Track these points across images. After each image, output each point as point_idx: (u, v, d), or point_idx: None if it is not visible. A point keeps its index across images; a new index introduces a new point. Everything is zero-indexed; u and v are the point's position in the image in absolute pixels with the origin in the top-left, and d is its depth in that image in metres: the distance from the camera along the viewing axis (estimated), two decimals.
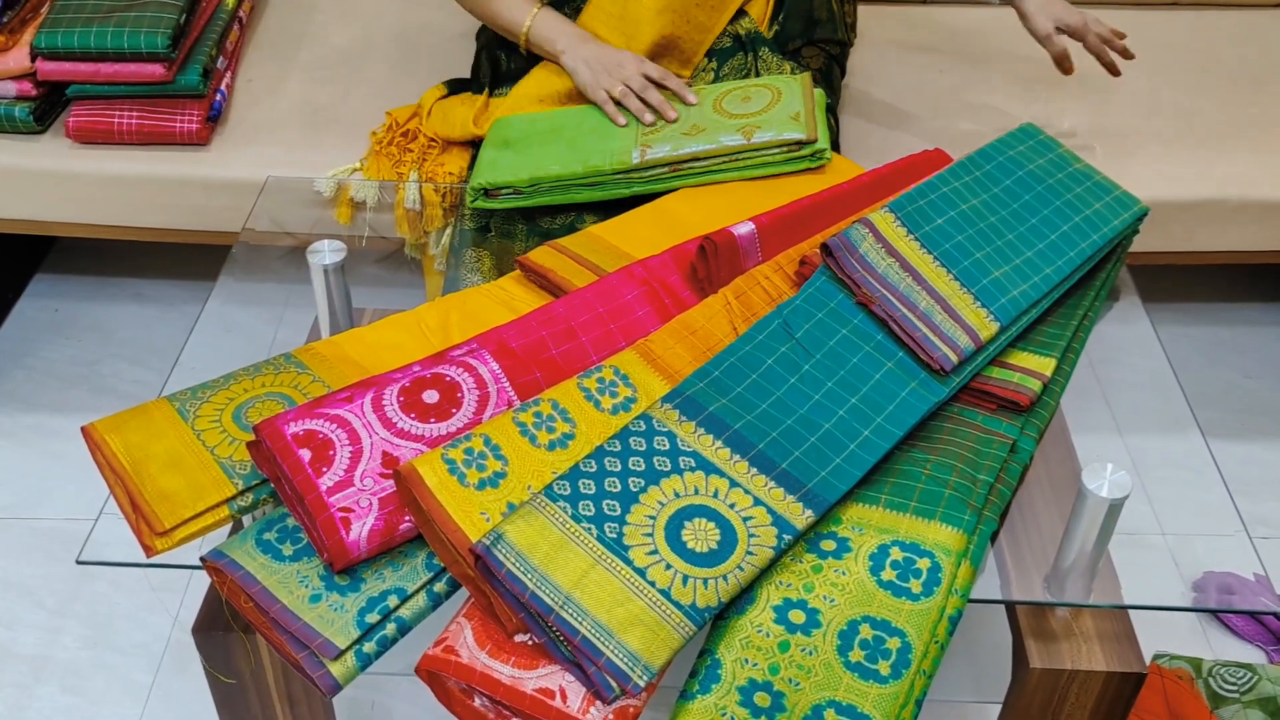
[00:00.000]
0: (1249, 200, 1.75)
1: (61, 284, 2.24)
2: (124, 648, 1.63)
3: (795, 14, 1.67)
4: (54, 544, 1.76)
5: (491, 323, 1.14)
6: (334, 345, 1.14)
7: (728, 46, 1.61)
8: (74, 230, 1.83)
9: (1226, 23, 2.10)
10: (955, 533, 0.94)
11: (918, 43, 2.04)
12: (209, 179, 1.74)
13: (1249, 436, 1.96)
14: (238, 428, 1.04)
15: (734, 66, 1.60)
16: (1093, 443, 1.19)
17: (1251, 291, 2.25)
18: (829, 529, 0.96)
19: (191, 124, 1.73)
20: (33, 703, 1.57)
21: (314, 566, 0.92)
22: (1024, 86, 1.92)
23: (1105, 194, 1.24)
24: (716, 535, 0.90)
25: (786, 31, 1.66)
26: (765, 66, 1.60)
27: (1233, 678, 1.50)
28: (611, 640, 0.82)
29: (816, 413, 1.00)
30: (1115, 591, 1.05)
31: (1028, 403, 1.06)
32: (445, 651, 0.86)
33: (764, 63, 1.60)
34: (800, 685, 0.85)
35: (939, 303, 1.08)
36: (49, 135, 1.78)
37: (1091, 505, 0.99)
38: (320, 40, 2.00)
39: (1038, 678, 1.03)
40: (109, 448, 1.01)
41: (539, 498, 0.90)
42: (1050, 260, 1.15)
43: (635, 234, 1.28)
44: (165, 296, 2.21)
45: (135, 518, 0.98)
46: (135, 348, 2.10)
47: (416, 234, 1.63)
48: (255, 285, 1.43)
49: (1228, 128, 1.85)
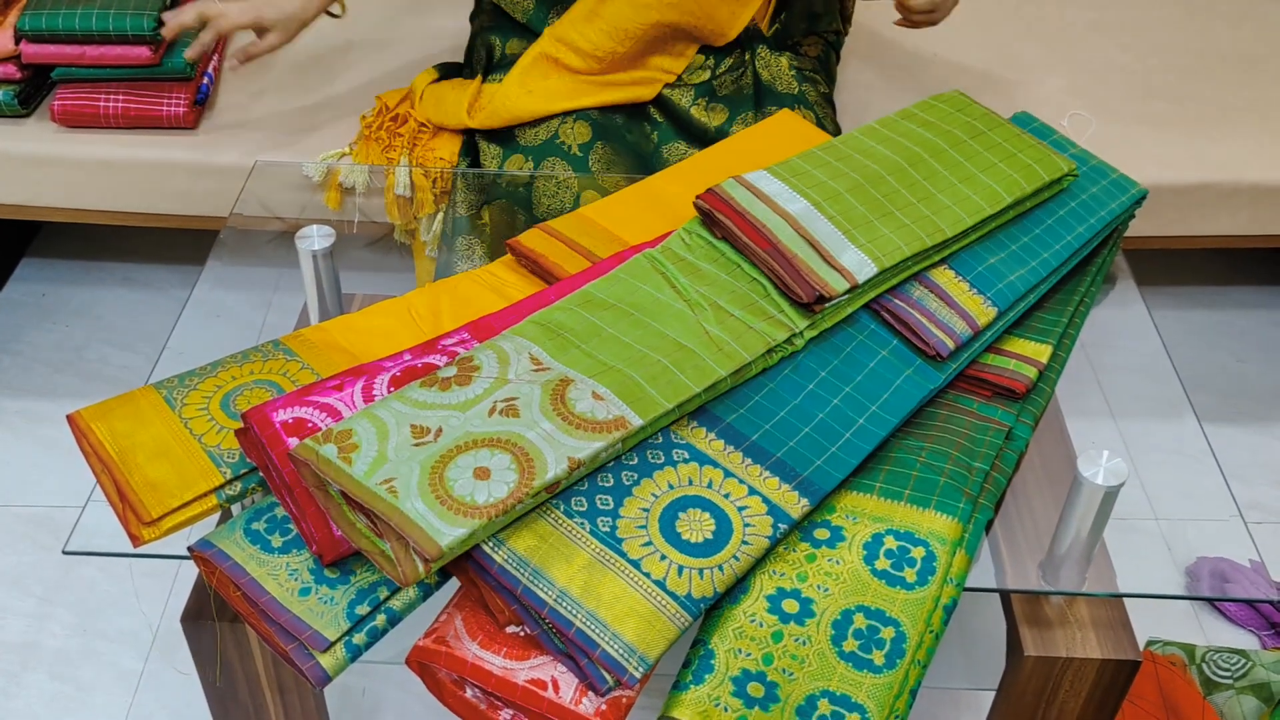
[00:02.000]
0: (1241, 184, 1.74)
1: (48, 268, 2.22)
2: (113, 635, 1.63)
3: (798, 14, 1.65)
4: (42, 531, 1.75)
5: (482, 308, 1.13)
6: (323, 331, 1.13)
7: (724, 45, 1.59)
8: (61, 215, 1.81)
9: (1221, 6, 2.10)
10: (950, 521, 0.94)
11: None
12: (196, 163, 1.72)
13: (1241, 420, 1.96)
14: (225, 416, 1.03)
15: (729, 65, 1.58)
16: (1087, 428, 1.19)
17: (1243, 275, 2.25)
18: (823, 518, 0.95)
19: (179, 108, 1.71)
20: (21, 691, 1.56)
21: (303, 560, 0.91)
22: (1018, 70, 1.92)
23: (1102, 178, 1.24)
24: (711, 525, 0.89)
25: (788, 30, 1.65)
26: (763, 64, 1.58)
27: (1226, 664, 1.50)
28: (607, 632, 0.82)
29: (810, 402, 1.00)
30: (1110, 579, 1.05)
31: (1024, 390, 1.05)
32: (436, 642, 0.86)
33: (761, 60, 1.59)
34: (794, 675, 0.85)
35: (933, 290, 1.07)
36: (34, 119, 1.76)
37: (1087, 493, 0.98)
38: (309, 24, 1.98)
39: (1032, 665, 1.03)
40: (95, 436, 1.00)
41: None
42: (1047, 245, 1.14)
43: (626, 216, 1.27)
44: (153, 281, 2.19)
45: (122, 507, 0.96)
46: (123, 332, 2.08)
47: (406, 219, 1.62)
48: (244, 270, 1.42)
49: (1221, 111, 1.85)
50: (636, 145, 1.56)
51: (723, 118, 1.56)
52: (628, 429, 0.90)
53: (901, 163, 1.15)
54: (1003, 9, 2.07)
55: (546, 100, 1.55)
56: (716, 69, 1.58)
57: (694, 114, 1.56)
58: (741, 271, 1.06)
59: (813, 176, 1.11)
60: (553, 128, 1.53)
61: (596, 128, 1.54)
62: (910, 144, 1.18)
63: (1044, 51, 1.96)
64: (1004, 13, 2.06)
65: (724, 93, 1.57)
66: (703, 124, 1.55)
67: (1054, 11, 2.07)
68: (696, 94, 1.56)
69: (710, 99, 1.57)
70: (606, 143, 1.54)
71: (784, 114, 1.47)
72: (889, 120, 1.22)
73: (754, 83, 1.58)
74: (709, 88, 1.57)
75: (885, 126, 1.20)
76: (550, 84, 1.56)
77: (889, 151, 1.16)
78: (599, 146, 1.53)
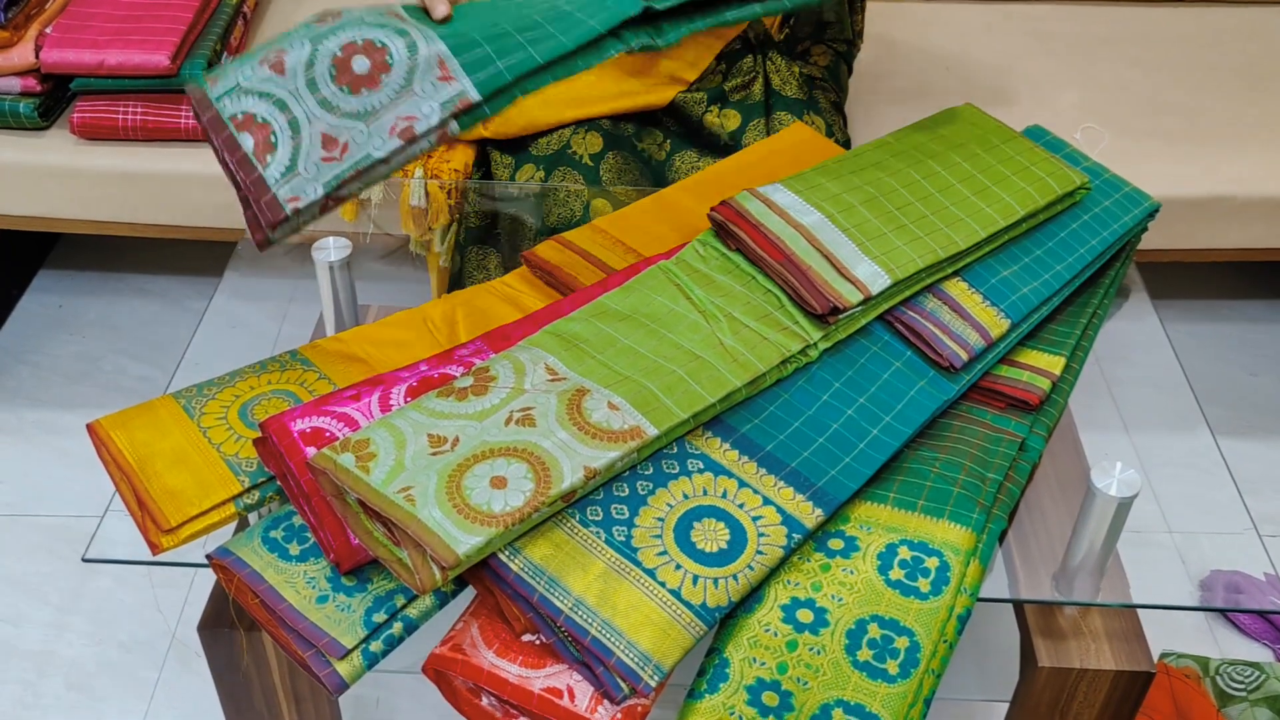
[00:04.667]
0: (1254, 198, 1.74)
1: (66, 280, 2.24)
2: (129, 644, 1.63)
3: (805, 18, 1.66)
4: (58, 541, 1.76)
5: (497, 320, 1.14)
6: (340, 342, 1.14)
7: (737, 50, 1.60)
8: (79, 226, 1.82)
9: (1232, 20, 2.10)
10: (964, 531, 0.94)
11: (923, 40, 2.03)
12: (214, 175, 1.73)
13: (1254, 434, 1.95)
14: (244, 425, 1.03)
15: (742, 70, 1.59)
16: (1100, 440, 1.19)
17: (1255, 288, 2.24)
18: (837, 528, 0.95)
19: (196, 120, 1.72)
20: (38, 699, 1.57)
21: (321, 568, 0.92)
22: (1030, 85, 1.92)
23: (1115, 191, 1.24)
24: (726, 535, 0.89)
25: (796, 34, 1.66)
26: (774, 69, 1.59)
27: (1240, 676, 1.50)
28: (622, 640, 0.82)
29: (825, 413, 1.00)
30: (1124, 590, 1.05)
31: (1037, 402, 1.06)
32: (453, 650, 0.86)
33: (773, 65, 1.60)
34: (808, 684, 0.85)
35: (946, 302, 1.08)
36: (53, 131, 1.78)
37: (1100, 504, 0.99)
38: None
39: (1046, 676, 1.03)
40: (114, 445, 1.01)
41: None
42: (1060, 258, 1.14)
43: (640, 228, 1.28)
44: (170, 292, 2.21)
45: (141, 515, 0.97)
46: (140, 344, 2.10)
47: (421, 230, 1.62)
48: (260, 281, 1.43)
49: (1232, 125, 1.85)
50: (648, 154, 1.57)
51: (735, 123, 1.57)
52: (643, 439, 0.91)
53: (915, 175, 1.16)
54: (1015, 25, 2.08)
55: (561, 107, 1.56)
56: (729, 74, 1.59)
57: (707, 120, 1.56)
58: (756, 283, 1.07)
59: (826, 189, 1.12)
60: (564, 137, 1.54)
61: (608, 138, 1.55)
62: (923, 156, 1.18)
63: (1056, 67, 1.97)
64: (1016, 28, 2.07)
65: (736, 98, 1.58)
66: (715, 130, 1.56)
67: (1066, 27, 2.08)
68: (709, 99, 1.57)
69: (723, 104, 1.57)
70: (618, 152, 1.54)
71: (797, 126, 1.48)
72: (901, 133, 1.22)
73: (765, 88, 1.58)
74: (721, 92, 1.58)
75: (898, 140, 1.21)
76: (564, 89, 1.57)
77: (902, 164, 1.17)
78: (610, 156, 1.54)
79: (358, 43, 0.98)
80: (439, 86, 0.97)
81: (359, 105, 0.97)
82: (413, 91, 0.96)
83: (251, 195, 0.93)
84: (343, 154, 0.95)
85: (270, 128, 0.95)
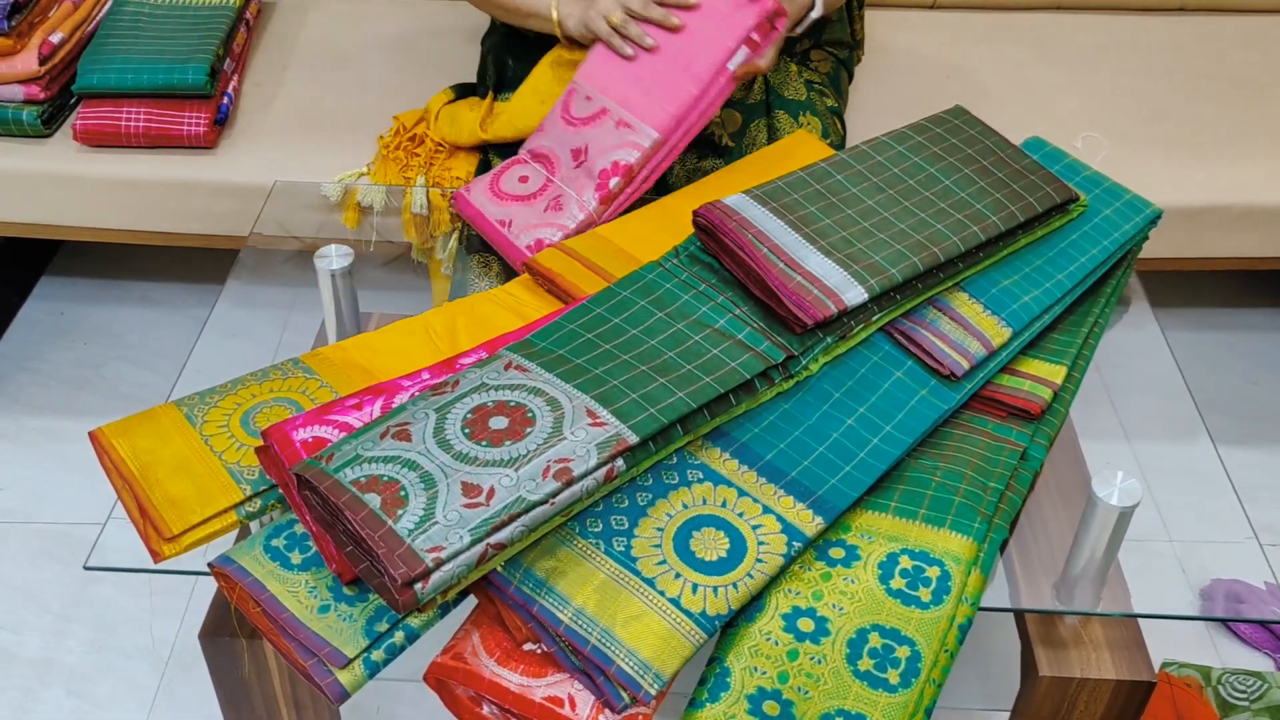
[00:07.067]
0: (1254, 206, 1.74)
1: (68, 287, 2.24)
2: (129, 651, 1.63)
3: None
4: (59, 548, 1.76)
5: (499, 328, 1.14)
6: (341, 350, 1.14)
7: None
8: (81, 233, 1.83)
9: (1231, 28, 2.10)
10: (965, 540, 0.94)
11: (923, 48, 2.04)
12: (216, 182, 1.74)
13: (1254, 442, 1.95)
14: (245, 433, 1.04)
15: None
16: (1101, 449, 1.19)
17: (1255, 297, 2.25)
18: (838, 537, 0.95)
19: (199, 127, 1.73)
20: (38, 706, 1.57)
21: (322, 578, 0.92)
22: (1030, 93, 1.92)
23: (1115, 199, 1.24)
24: (725, 544, 0.89)
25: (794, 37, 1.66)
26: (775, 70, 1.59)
27: (1242, 686, 1.50)
28: (622, 649, 0.82)
29: (825, 422, 1.00)
30: (1125, 600, 1.05)
31: (1038, 410, 1.06)
32: (454, 659, 0.86)
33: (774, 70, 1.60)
34: (809, 694, 0.85)
35: (946, 312, 1.08)
36: (56, 138, 1.78)
37: (1101, 513, 0.99)
38: (327, 44, 2.00)
39: (1046, 686, 1.03)
40: (117, 453, 1.01)
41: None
42: (1061, 266, 1.14)
43: (641, 235, 1.28)
44: (172, 300, 2.21)
45: (143, 523, 0.97)
46: (142, 351, 2.10)
47: (423, 238, 1.63)
48: (262, 289, 1.43)
49: (1232, 134, 1.85)
50: None
51: (735, 124, 1.57)
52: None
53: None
54: (1015, 33, 2.08)
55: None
56: None
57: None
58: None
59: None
60: None
61: None
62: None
63: (1056, 75, 1.97)
64: (1016, 37, 2.07)
65: (736, 99, 1.58)
66: (716, 130, 1.56)
67: (1066, 35, 2.08)
68: None
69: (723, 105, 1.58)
70: None
71: (800, 134, 1.48)
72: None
73: (764, 88, 1.59)
74: None
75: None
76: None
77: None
78: None
79: (489, 405, 0.92)
80: (592, 432, 0.90)
81: (502, 455, 0.88)
82: (563, 437, 0.89)
83: (381, 552, 0.85)
84: (489, 499, 0.85)
85: (399, 484, 0.86)
